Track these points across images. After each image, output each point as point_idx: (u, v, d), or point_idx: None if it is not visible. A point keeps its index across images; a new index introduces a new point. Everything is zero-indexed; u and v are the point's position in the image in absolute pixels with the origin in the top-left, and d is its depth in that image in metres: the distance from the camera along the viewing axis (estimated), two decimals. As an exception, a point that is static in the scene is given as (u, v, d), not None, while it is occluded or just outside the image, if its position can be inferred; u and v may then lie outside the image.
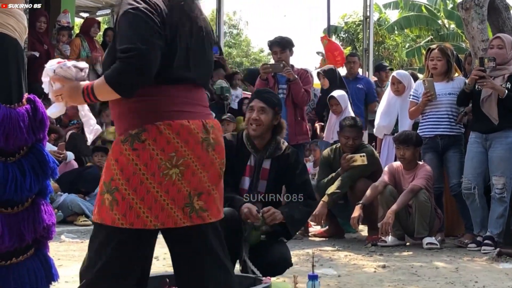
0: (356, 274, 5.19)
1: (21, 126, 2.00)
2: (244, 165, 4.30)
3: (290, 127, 7.19)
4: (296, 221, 4.24)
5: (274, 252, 4.11)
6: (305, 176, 4.41)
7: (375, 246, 6.60)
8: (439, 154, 6.97)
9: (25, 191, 2.00)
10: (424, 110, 7.02)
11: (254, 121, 4.24)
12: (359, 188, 6.80)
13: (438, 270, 5.37)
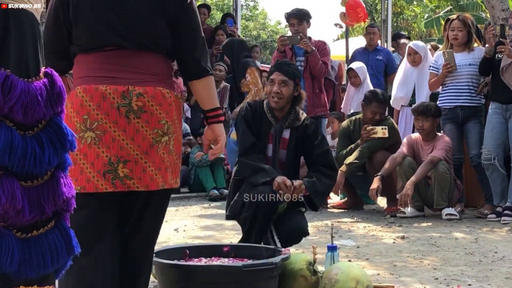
0: (375, 245, 5.20)
1: (39, 100, 1.99)
2: (267, 132, 4.32)
3: (308, 99, 7.16)
4: (319, 194, 4.24)
5: (291, 222, 4.13)
6: (325, 147, 4.41)
7: (394, 217, 6.60)
8: (459, 125, 6.93)
9: (44, 164, 1.99)
10: (444, 81, 6.97)
11: (276, 94, 4.26)
12: (378, 159, 6.78)
13: (457, 241, 5.36)
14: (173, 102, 2.81)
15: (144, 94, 2.71)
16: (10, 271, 1.93)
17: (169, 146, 2.80)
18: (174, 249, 3.58)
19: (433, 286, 3.85)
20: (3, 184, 1.93)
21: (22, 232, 1.98)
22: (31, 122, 1.99)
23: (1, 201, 1.91)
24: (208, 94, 2.96)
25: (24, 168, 1.96)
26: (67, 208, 2.07)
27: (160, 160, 2.76)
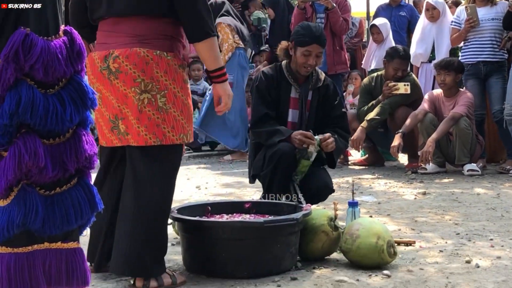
0: (396, 201, 5.20)
1: (59, 58, 2.00)
2: (288, 97, 4.28)
3: (328, 56, 7.14)
4: (339, 150, 4.25)
5: (318, 180, 4.12)
6: (341, 109, 4.39)
7: (415, 174, 6.59)
8: (482, 80, 6.87)
9: (66, 122, 2.01)
10: (466, 36, 6.89)
11: (310, 67, 4.20)
12: (399, 116, 6.74)
13: (479, 196, 5.35)
14: (152, 60, 2.86)
15: (119, 56, 2.87)
16: (35, 228, 1.96)
17: (156, 103, 2.88)
18: (195, 206, 3.60)
19: (454, 241, 3.85)
20: (25, 142, 1.95)
21: (46, 189, 2.00)
22: (52, 80, 2.00)
23: (24, 159, 1.93)
24: (210, 56, 3.02)
25: (46, 126, 1.97)
26: (89, 165, 2.09)
27: (146, 117, 2.88)
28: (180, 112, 2.96)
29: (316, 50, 4.16)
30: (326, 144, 4.03)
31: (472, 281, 3.06)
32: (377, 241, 3.23)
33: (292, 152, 4.03)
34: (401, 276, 3.15)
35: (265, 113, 4.18)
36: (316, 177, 4.13)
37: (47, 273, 1.99)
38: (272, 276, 3.13)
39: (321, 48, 4.19)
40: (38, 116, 1.95)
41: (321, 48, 4.19)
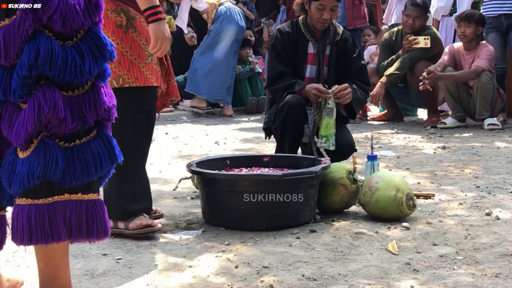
0: (415, 155, 5.19)
1: (77, 9, 1.98)
2: (305, 53, 4.25)
3: (347, 11, 7.08)
4: (359, 102, 4.23)
5: (340, 138, 4.10)
6: (361, 61, 4.35)
7: (434, 128, 6.56)
8: (503, 34, 6.80)
9: (85, 74, 2.00)
10: (487, -12, 6.79)
11: (325, 21, 4.16)
12: (419, 70, 6.64)
13: (499, 150, 5.32)
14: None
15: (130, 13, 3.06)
16: (55, 179, 1.97)
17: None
18: (214, 160, 3.62)
19: (474, 193, 3.85)
20: (45, 93, 1.95)
21: (65, 141, 2.01)
22: (70, 32, 1.99)
23: (44, 111, 1.93)
24: None
25: (65, 78, 1.97)
26: (108, 117, 2.08)
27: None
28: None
29: (330, 4, 4.12)
30: (341, 95, 4.01)
31: (492, 233, 3.06)
32: (396, 193, 3.24)
33: (301, 103, 4.03)
34: (420, 228, 3.16)
35: (280, 71, 4.17)
36: (339, 137, 4.10)
37: (68, 224, 2.01)
38: (291, 228, 3.15)
39: (335, 2, 4.14)
40: (57, 67, 1.94)
41: (335, 1, 4.14)
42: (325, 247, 2.87)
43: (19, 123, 1.96)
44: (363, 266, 2.62)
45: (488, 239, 2.96)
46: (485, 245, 2.87)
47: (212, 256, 2.78)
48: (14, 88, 1.95)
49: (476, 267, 2.61)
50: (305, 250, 2.84)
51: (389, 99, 7.19)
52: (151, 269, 2.64)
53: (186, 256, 2.80)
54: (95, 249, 2.86)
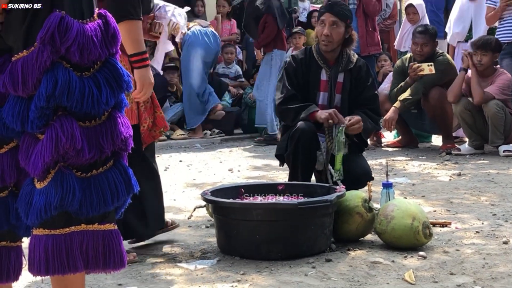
0: (430, 182, 5.17)
1: (94, 41, 2.00)
2: (318, 80, 4.26)
3: (361, 38, 7.10)
4: (368, 130, 4.23)
5: (357, 166, 4.09)
6: (374, 90, 4.36)
7: (449, 155, 6.54)
8: (517, 59, 6.78)
9: (102, 105, 2.01)
10: (502, 14, 6.81)
11: (326, 37, 4.16)
12: (433, 96, 6.65)
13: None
14: None
15: None
16: (72, 209, 1.97)
17: None
18: (229, 188, 3.62)
19: (491, 222, 3.83)
20: (62, 124, 1.96)
21: (82, 171, 2.02)
22: (87, 63, 2.01)
23: (61, 141, 1.94)
24: (127, 39, 2.96)
25: (82, 109, 1.98)
26: (125, 147, 2.09)
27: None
28: None
29: (329, 19, 4.18)
30: (352, 129, 4.02)
31: (509, 261, 3.04)
32: (412, 222, 3.22)
33: (312, 129, 4.02)
34: (437, 257, 3.14)
35: (292, 94, 4.18)
36: (356, 165, 4.09)
37: (85, 254, 2.01)
38: (306, 257, 3.14)
39: (333, 17, 4.18)
40: (74, 98, 1.96)
41: (333, 16, 4.18)
42: (341, 277, 2.86)
43: (36, 154, 1.97)
44: (380, 296, 2.62)
45: (506, 268, 2.94)
46: (503, 274, 2.86)
47: (228, 286, 2.77)
48: (32, 119, 1.96)
49: (494, 297, 2.59)
50: (321, 280, 2.83)
51: (403, 126, 7.19)
52: (166, 299, 2.64)
53: (201, 286, 2.80)
54: (110, 279, 2.86)
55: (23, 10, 1.96)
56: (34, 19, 1.96)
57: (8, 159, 2.12)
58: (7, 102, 2.02)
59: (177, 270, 3.03)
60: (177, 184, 5.34)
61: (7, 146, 2.12)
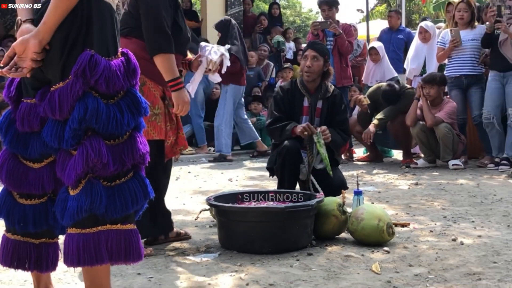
0: (393, 190, 5.16)
1: (118, 74, 2.00)
2: (301, 106, 4.27)
3: (336, 72, 7.11)
4: (336, 145, 4.19)
5: (334, 177, 4.07)
6: (345, 115, 4.37)
7: (408, 168, 6.54)
8: (463, 90, 6.81)
9: (124, 126, 2.01)
10: (450, 54, 6.84)
11: (308, 68, 4.19)
12: (398, 120, 6.73)
13: (462, 186, 5.29)
14: None
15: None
16: (99, 212, 1.97)
17: None
18: (228, 195, 3.60)
19: (442, 223, 3.81)
20: (91, 142, 1.96)
21: (108, 181, 2.01)
22: (112, 92, 2.01)
23: (90, 156, 1.94)
24: (162, 69, 3.03)
25: (108, 130, 1.98)
26: (143, 161, 2.09)
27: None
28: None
29: (310, 53, 4.24)
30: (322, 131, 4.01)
31: (457, 255, 3.02)
32: (378, 223, 3.21)
33: (296, 147, 4.03)
34: (398, 251, 3.13)
35: (278, 116, 4.20)
36: (333, 176, 4.09)
37: (109, 249, 2.00)
38: (291, 252, 3.12)
39: (314, 52, 4.23)
40: (101, 121, 1.95)
41: (314, 51, 4.24)
42: (320, 268, 2.84)
43: (70, 167, 1.97)
44: (352, 284, 2.59)
45: (455, 261, 2.92)
46: (452, 266, 2.84)
47: (227, 275, 2.75)
48: (67, 138, 1.96)
49: (445, 285, 2.57)
50: (303, 270, 2.81)
51: (370, 144, 7.20)
52: (177, 286, 2.61)
53: (206, 275, 2.77)
54: (131, 269, 2.84)
55: (60, 50, 1.96)
56: (68, 57, 1.96)
57: (47, 171, 2.11)
58: (47, 124, 2.01)
59: (185, 262, 3.01)
60: (186, 191, 5.31)
61: (46, 160, 2.11)
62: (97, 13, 1.98)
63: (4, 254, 2.16)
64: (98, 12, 1.99)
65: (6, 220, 2.14)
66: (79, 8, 1.96)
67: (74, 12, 1.95)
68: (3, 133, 2.12)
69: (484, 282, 2.59)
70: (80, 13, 1.96)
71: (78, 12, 1.96)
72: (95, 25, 1.98)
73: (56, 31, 1.95)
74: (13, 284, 2.65)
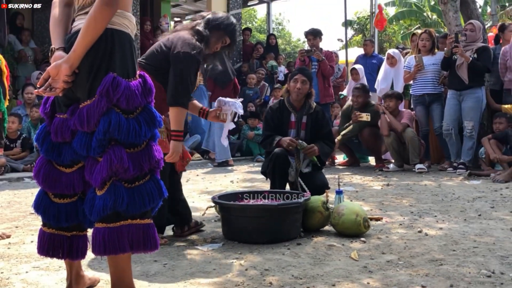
0: (368, 190, 5.15)
1: (136, 93, 1.99)
2: (288, 121, 4.27)
3: (320, 91, 7.12)
4: (326, 154, 4.22)
5: (317, 179, 4.09)
6: (328, 127, 4.36)
7: (381, 171, 6.53)
8: (426, 106, 6.84)
9: (142, 137, 2.00)
10: (415, 76, 6.86)
11: (298, 90, 4.20)
12: (365, 133, 6.79)
13: (426, 186, 5.28)
14: None
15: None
16: (121, 209, 1.95)
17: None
18: (230, 194, 3.59)
19: (410, 217, 3.80)
20: (114, 151, 1.94)
21: (129, 183, 2.00)
22: (132, 108, 2.00)
23: (114, 162, 1.93)
24: (172, 119, 2.98)
25: (128, 140, 1.97)
26: (158, 166, 2.07)
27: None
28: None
29: (300, 78, 4.24)
30: (309, 152, 4.03)
31: (422, 245, 3.01)
32: (356, 217, 3.20)
33: (284, 154, 4.05)
34: (373, 241, 3.11)
35: (268, 134, 4.21)
36: (318, 178, 4.12)
37: (130, 240, 1.98)
38: (283, 242, 3.10)
39: (303, 77, 4.23)
40: (122, 133, 1.94)
41: (303, 76, 4.23)
42: (308, 255, 2.82)
43: (97, 171, 1.95)
44: (334, 269, 2.57)
45: (420, 249, 2.91)
46: (418, 253, 2.83)
47: (230, 262, 2.73)
48: (94, 147, 1.95)
49: (412, 269, 2.56)
50: (293, 257, 2.79)
51: (349, 151, 7.21)
52: (188, 271, 2.60)
53: (212, 262, 2.75)
54: (148, 257, 2.82)
55: (87, 73, 1.95)
56: (94, 79, 1.95)
57: (77, 175, 2.10)
58: (77, 135, 2.00)
59: (194, 251, 2.99)
60: (195, 191, 5.30)
61: (76, 166, 2.10)
62: (118, 43, 1.98)
63: (41, 245, 2.14)
64: (119, 41, 1.99)
65: (42, 216, 2.13)
66: (103, 39, 1.95)
67: (99, 42, 1.94)
68: (40, 143, 2.11)
69: (445, 267, 2.58)
70: (104, 43, 1.95)
71: (102, 41, 1.95)
72: (117, 52, 1.97)
73: (84, 57, 1.94)
74: (49, 270, 2.63)
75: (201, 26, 3.08)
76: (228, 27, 3.12)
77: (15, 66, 9.41)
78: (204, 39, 3.03)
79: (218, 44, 3.13)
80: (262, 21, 32.75)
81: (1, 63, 3.36)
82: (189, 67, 2.92)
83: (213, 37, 3.09)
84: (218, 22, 3.10)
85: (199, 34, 3.04)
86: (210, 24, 3.09)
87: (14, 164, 6.85)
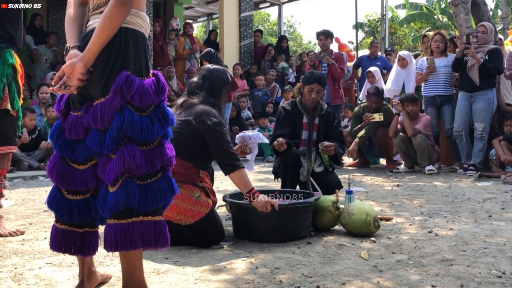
0: (378, 190, 5.12)
1: (149, 91, 1.99)
2: (301, 122, 4.27)
3: (330, 93, 7.10)
4: (340, 154, 4.22)
5: (331, 178, 4.12)
6: (339, 128, 4.38)
7: (391, 172, 6.49)
8: (437, 108, 6.80)
9: (154, 135, 2.00)
10: (426, 78, 6.83)
11: (313, 99, 4.22)
12: (379, 133, 6.72)
13: (436, 187, 5.24)
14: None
15: None
16: (133, 206, 1.95)
17: None
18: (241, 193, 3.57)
19: (420, 217, 3.77)
20: (127, 148, 1.94)
21: (141, 180, 1.99)
22: (145, 106, 2.00)
23: (126, 159, 1.93)
24: (238, 184, 3.02)
25: (141, 137, 1.97)
26: (170, 163, 2.07)
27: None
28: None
29: (316, 87, 4.18)
30: (326, 150, 4.02)
31: (432, 245, 2.98)
32: (366, 217, 3.18)
33: (295, 154, 4.06)
34: (383, 241, 3.09)
35: (278, 134, 4.20)
36: (330, 178, 4.15)
37: (141, 237, 1.98)
38: (294, 241, 3.10)
39: (320, 86, 4.19)
40: (135, 130, 1.94)
41: (320, 86, 4.19)
42: (318, 254, 2.81)
43: (109, 168, 1.95)
44: (344, 268, 2.56)
45: (430, 249, 2.88)
46: (428, 253, 2.80)
47: (240, 260, 2.73)
48: (107, 144, 1.95)
49: (422, 269, 2.53)
50: (304, 256, 2.78)
51: (359, 152, 7.17)
52: (199, 268, 2.59)
53: (222, 259, 2.75)
54: (159, 254, 2.82)
55: (101, 71, 1.95)
56: (108, 77, 1.95)
57: (90, 172, 2.10)
58: (90, 133, 2.01)
59: (205, 249, 2.99)
60: (206, 190, 5.30)
61: (90, 163, 2.10)
62: (132, 41, 1.98)
63: (54, 241, 2.15)
64: (133, 40, 1.99)
65: (55, 212, 2.13)
66: (118, 38, 1.95)
67: (113, 40, 1.95)
68: (54, 140, 2.11)
69: (455, 267, 2.55)
70: (118, 41, 1.96)
71: (116, 40, 1.95)
72: (131, 51, 1.97)
73: (98, 56, 1.94)
74: (62, 266, 2.64)
75: (205, 96, 3.15)
76: (227, 81, 3.23)
77: (31, 66, 9.48)
78: (216, 104, 3.15)
79: (226, 96, 3.26)
80: (274, 24, 32.78)
81: (16, 62, 3.38)
82: (222, 132, 3.00)
83: (222, 98, 3.22)
84: (218, 88, 3.20)
85: (211, 105, 3.13)
86: (214, 90, 3.19)
87: (30, 161, 7.07)
